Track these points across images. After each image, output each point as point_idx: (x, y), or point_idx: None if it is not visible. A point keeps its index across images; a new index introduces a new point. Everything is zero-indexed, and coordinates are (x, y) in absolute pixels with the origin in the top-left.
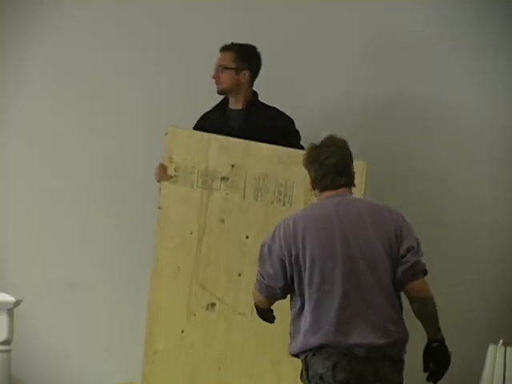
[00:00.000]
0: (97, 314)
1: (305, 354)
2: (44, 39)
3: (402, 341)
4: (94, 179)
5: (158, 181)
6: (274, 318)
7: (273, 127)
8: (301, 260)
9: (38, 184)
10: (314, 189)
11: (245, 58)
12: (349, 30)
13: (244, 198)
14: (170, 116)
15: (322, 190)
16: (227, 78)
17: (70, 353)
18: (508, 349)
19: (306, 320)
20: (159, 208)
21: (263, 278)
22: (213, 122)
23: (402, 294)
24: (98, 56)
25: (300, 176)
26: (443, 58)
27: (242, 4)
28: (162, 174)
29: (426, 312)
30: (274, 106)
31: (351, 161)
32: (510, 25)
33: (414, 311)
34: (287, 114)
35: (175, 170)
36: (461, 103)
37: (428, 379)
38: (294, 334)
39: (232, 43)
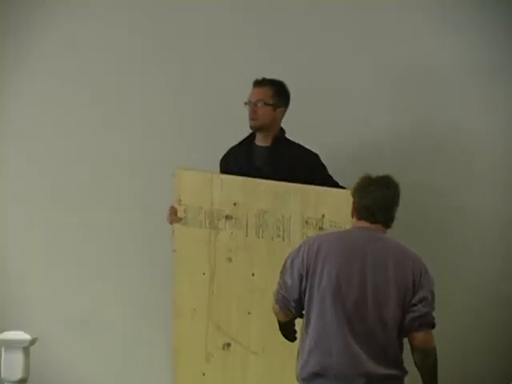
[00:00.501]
0: (112, 354)
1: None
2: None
3: (400, 374)
4: (111, 217)
5: (171, 223)
6: (294, 336)
7: (298, 164)
8: (317, 276)
9: (55, 220)
10: (353, 217)
11: (281, 94)
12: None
13: (247, 235)
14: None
15: (359, 219)
16: (266, 114)
17: None
18: None
19: (310, 340)
20: (174, 251)
21: (281, 288)
22: (237, 158)
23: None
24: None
25: (295, 210)
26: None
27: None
28: (174, 216)
29: (427, 363)
30: (299, 142)
31: (396, 204)
32: None
33: (415, 361)
34: (311, 149)
35: (184, 211)
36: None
37: None
38: (299, 355)
39: (265, 78)
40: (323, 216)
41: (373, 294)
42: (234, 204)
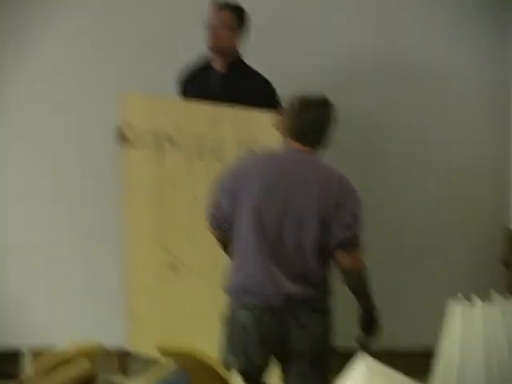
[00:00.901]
0: (64, 278)
1: (231, 298)
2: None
3: (321, 295)
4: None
5: (120, 145)
6: None
7: (253, 91)
8: (242, 197)
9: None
10: (285, 137)
11: (241, 19)
12: None
13: (189, 159)
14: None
15: (292, 140)
16: (227, 37)
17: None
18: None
19: (236, 260)
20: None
21: (213, 209)
22: (195, 79)
23: None
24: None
25: (231, 133)
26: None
27: None
28: (123, 137)
29: (353, 284)
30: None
31: (329, 125)
32: None
33: (342, 281)
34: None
35: (132, 134)
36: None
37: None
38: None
39: (227, 3)
40: (257, 138)
41: (294, 215)
42: (176, 128)
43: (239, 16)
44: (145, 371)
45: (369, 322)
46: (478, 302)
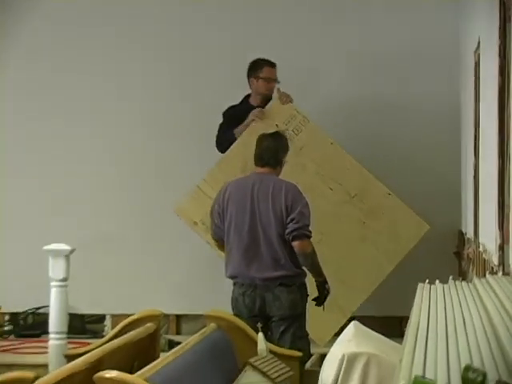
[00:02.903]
0: (128, 261)
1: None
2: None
3: (290, 274)
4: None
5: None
6: None
7: None
8: (227, 215)
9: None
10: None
11: None
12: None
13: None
14: None
15: (255, 165)
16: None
17: (110, 287)
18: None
19: (227, 257)
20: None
21: (213, 225)
22: (235, 111)
23: None
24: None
25: None
26: None
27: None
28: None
29: (307, 263)
30: None
31: (283, 151)
32: None
33: (299, 261)
34: None
35: None
36: None
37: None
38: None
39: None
40: None
41: (260, 221)
42: None
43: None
44: (194, 331)
45: (321, 291)
46: (439, 284)
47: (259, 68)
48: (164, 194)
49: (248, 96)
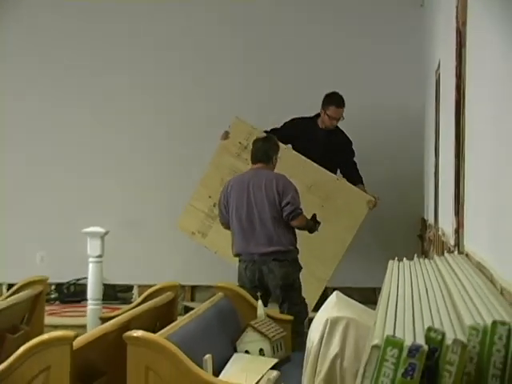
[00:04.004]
0: (150, 243)
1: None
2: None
3: (282, 250)
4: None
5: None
6: None
7: (343, 146)
8: (230, 206)
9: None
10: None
11: None
12: None
13: (248, 163)
14: None
15: (251, 163)
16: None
17: (137, 262)
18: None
19: (232, 239)
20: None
21: (219, 214)
22: (302, 125)
23: None
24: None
25: None
26: None
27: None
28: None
29: (304, 229)
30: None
31: (273, 150)
32: None
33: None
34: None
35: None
36: None
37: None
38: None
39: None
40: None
41: (256, 207)
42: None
43: None
44: (206, 299)
45: (315, 228)
46: (406, 260)
47: (328, 105)
48: (180, 184)
49: (318, 115)
